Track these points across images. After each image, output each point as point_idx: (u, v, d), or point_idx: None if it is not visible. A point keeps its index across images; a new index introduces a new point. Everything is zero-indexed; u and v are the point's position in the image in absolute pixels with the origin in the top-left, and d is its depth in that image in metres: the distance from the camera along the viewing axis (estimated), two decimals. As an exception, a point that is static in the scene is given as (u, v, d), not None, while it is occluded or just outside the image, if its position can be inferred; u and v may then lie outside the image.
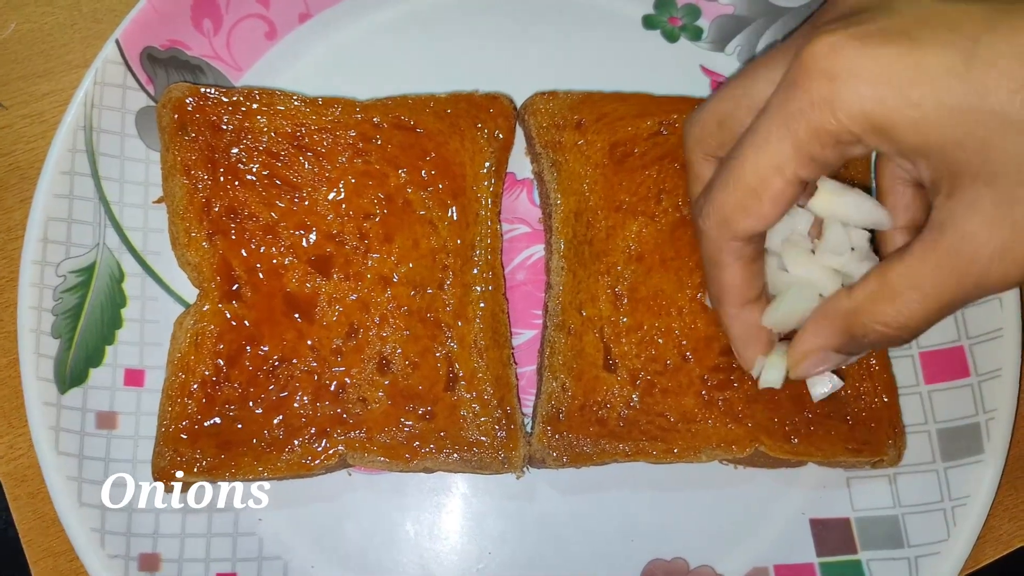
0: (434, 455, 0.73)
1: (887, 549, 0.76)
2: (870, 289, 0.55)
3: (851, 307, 0.57)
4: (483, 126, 0.79)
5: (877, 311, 0.55)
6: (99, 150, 0.79)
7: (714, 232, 0.59)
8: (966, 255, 0.51)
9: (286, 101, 0.78)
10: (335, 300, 0.76)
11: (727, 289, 0.63)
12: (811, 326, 0.61)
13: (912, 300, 0.53)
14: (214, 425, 0.73)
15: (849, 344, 0.59)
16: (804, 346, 0.61)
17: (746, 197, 0.56)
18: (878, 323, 0.55)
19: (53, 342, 0.76)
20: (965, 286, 0.52)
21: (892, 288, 0.54)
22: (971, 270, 0.51)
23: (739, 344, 0.65)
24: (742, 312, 0.64)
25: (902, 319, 0.54)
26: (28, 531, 0.78)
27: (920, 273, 0.53)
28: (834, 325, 0.58)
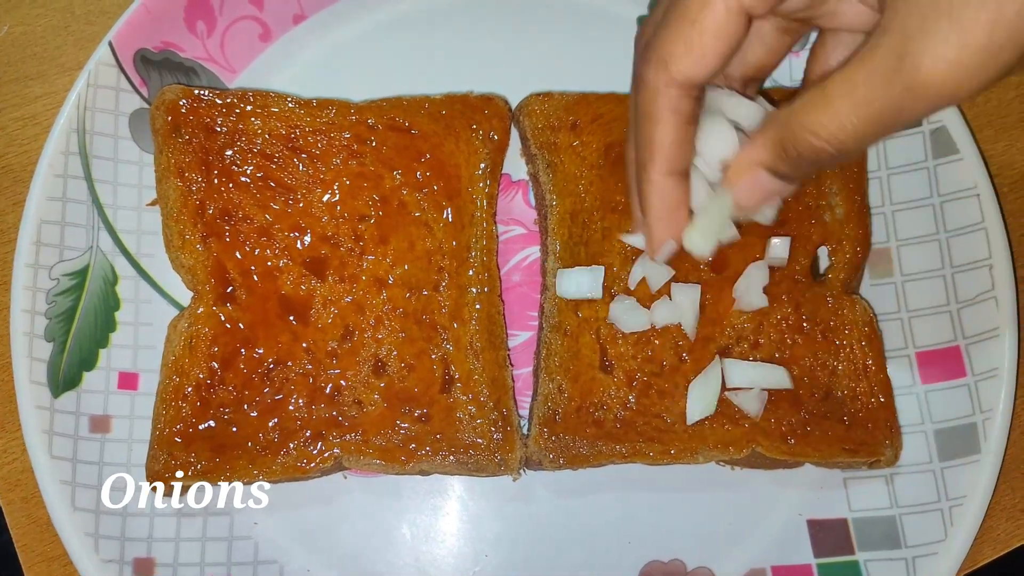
0: (430, 457, 0.73)
1: (884, 550, 0.76)
2: (806, 98, 0.54)
3: (786, 115, 0.55)
4: (478, 127, 0.79)
5: (810, 119, 0.53)
6: (92, 152, 0.79)
7: (652, 75, 0.57)
8: (900, 57, 0.49)
9: (280, 103, 0.78)
10: (330, 302, 0.76)
11: (657, 148, 0.59)
12: (747, 146, 0.59)
13: (845, 106, 0.52)
14: (209, 428, 0.73)
15: (783, 159, 0.56)
16: (739, 161, 0.59)
17: (687, 29, 0.55)
18: (810, 132, 0.53)
19: (46, 345, 0.76)
20: (895, 91, 0.49)
21: (827, 95, 0.52)
22: (903, 72, 0.49)
23: (653, 218, 0.62)
24: (666, 181, 0.60)
25: (833, 127, 0.52)
26: (22, 536, 0.77)
27: (855, 79, 0.51)
28: (768, 137, 0.56)
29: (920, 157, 0.81)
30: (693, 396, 0.74)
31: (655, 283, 0.75)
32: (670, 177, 0.60)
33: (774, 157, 0.57)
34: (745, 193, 0.60)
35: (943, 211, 0.80)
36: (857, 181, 0.79)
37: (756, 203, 0.60)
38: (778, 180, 0.58)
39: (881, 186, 0.82)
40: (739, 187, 0.59)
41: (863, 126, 0.52)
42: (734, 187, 0.60)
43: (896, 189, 0.82)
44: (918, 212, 0.81)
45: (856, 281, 0.79)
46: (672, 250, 0.64)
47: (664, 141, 0.59)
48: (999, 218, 0.78)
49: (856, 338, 0.77)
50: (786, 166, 0.57)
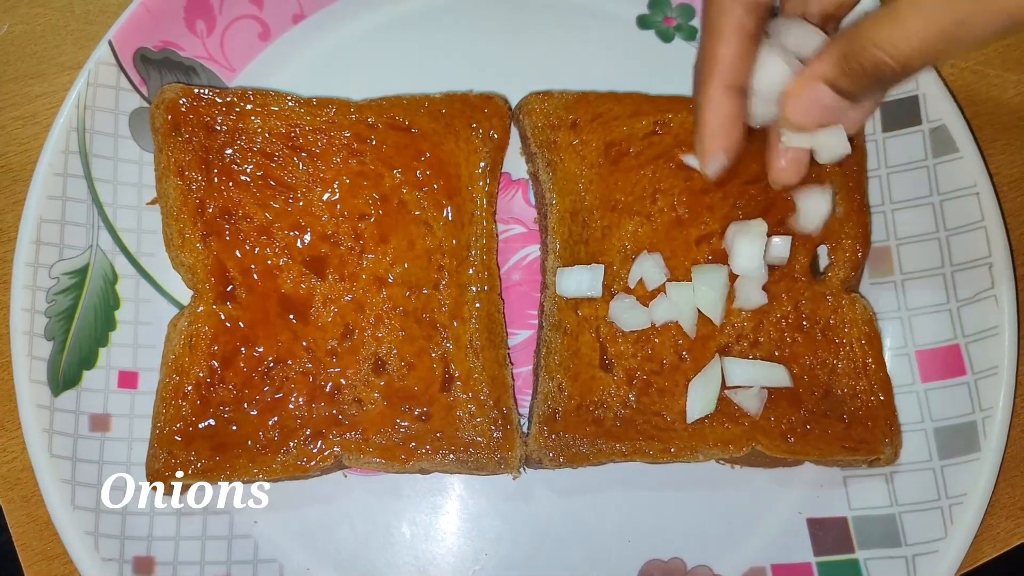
0: (430, 456, 0.73)
1: (884, 548, 0.76)
2: (875, 14, 0.55)
3: (852, 31, 0.56)
4: (478, 126, 0.79)
5: (877, 33, 0.54)
6: (92, 151, 0.79)
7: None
8: None
9: (280, 102, 0.78)
10: (330, 301, 0.76)
11: (718, 63, 0.60)
12: (813, 63, 0.59)
13: (913, 19, 0.53)
14: (209, 427, 0.73)
15: (845, 74, 0.57)
16: (804, 74, 0.60)
17: None
18: (876, 46, 0.54)
19: (46, 344, 0.76)
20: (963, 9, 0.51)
21: (897, 10, 0.53)
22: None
23: (707, 130, 0.63)
24: (723, 97, 0.62)
25: (900, 41, 0.53)
26: (22, 534, 0.77)
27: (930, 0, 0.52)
28: (833, 51, 0.57)
29: (920, 156, 0.81)
30: (693, 394, 0.74)
31: (652, 282, 0.75)
32: (727, 92, 0.61)
33: (837, 71, 0.57)
34: (803, 109, 0.60)
35: (943, 209, 0.80)
36: (857, 180, 0.79)
37: (812, 121, 0.60)
38: (837, 98, 0.58)
39: (881, 185, 0.82)
40: (798, 101, 0.60)
41: (930, 40, 0.52)
42: (792, 101, 0.60)
43: (896, 188, 0.82)
44: (918, 211, 0.81)
45: (856, 279, 0.79)
46: (722, 164, 0.65)
47: (725, 56, 0.60)
48: (999, 216, 0.79)
49: (856, 336, 0.77)
50: (848, 81, 0.57)
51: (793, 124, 0.62)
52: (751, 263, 0.74)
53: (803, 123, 0.61)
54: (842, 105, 0.59)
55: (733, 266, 0.75)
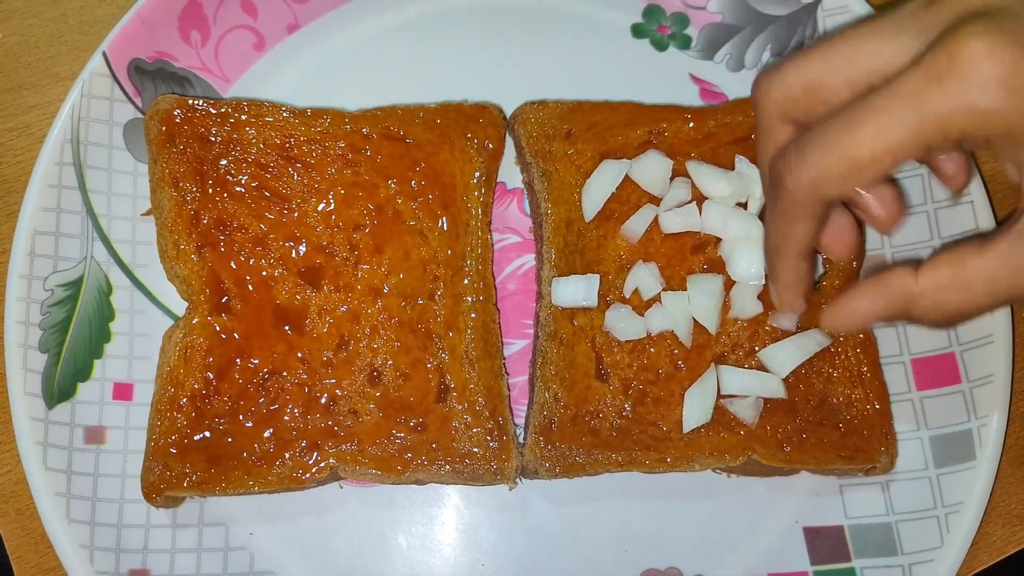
0: (426, 467, 0.73)
1: (881, 557, 0.76)
2: (942, 278, 0.57)
3: (917, 291, 0.58)
4: (473, 136, 0.79)
5: (943, 299, 0.57)
6: (86, 163, 0.79)
7: (801, 192, 0.60)
8: None
9: (275, 112, 0.78)
10: (325, 312, 0.75)
11: (794, 242, 0.64)
12: (867, 294, 0.62)
13: (985, 293, 0.56)
14: (204, 439, 0.73)
15: (898, 318, 0.61)
16: (855, 309, 0.63)
17: (850, 169, 0.57)
18: (940, 309, 0.58)
19: (41, 356, 0.75)
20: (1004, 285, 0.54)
21: (966, 281, 0.56)
22: None
23: (784, 289, 0.68)
24: (798, 263, 0.66)
25: (967, 308, 0.57)
26: (17, 547, 0.77)
27: (1000, 272, 0.55)
28: (893, 301, 0.60)
29: (913, 165, 0.81)
30: (689, 404, 0.74)
31: (647, 292, 0.75)
32: (801, 259, 0.66)
33: (893, 316, 0.61)
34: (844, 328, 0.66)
35: (937, 218, 0.80)
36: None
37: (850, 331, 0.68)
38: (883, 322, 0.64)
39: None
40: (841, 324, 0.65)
41: (990, 308, 0.57)
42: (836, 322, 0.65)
43: (890, 196, 0.82)
44: (912, 219, 0.81)
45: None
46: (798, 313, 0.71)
47: (802, 238, 0.63)
48: (993, 224, 0.79)
49: (851, 345, 0.77)
50: (898, 321, 0.62)
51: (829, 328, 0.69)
52: (750, 270, 0.74)
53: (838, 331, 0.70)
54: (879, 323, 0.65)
55: (732, 273, 0.75)
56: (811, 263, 0.66)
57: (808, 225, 0.62)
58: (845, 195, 0.60)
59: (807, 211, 0.61)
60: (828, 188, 0.58)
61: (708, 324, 0.75)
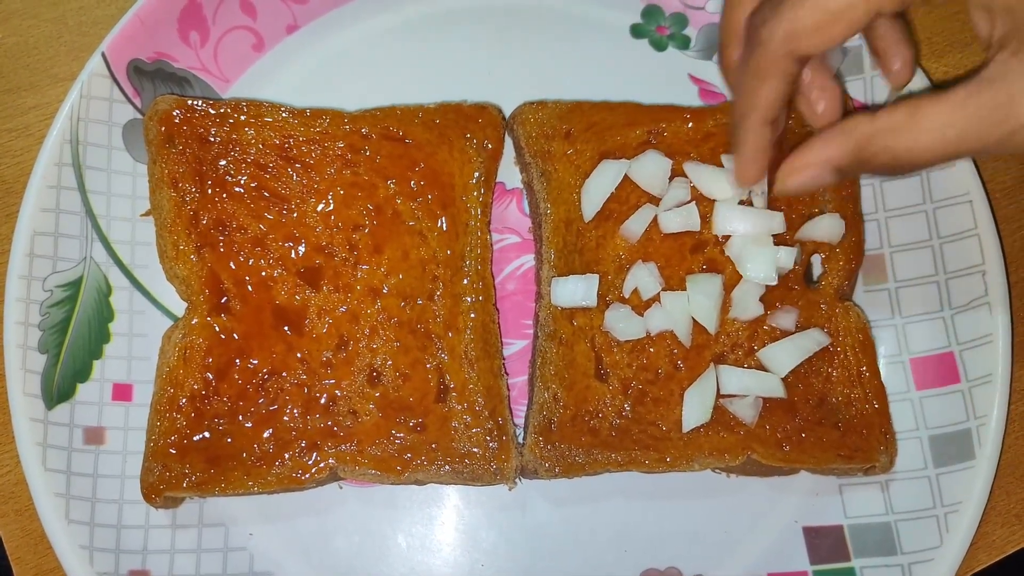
0: (425, 467, 0.73)
1: (880, 556, 0.76)
2: (896, 119, 0.57)
3: (871, 130, 0.58)
4: (472, 136, 0.79)
5: (895, 140, 0.57)
6: (86, 163, 0.79)
7: (775, 45, 0.60)
8: (1006, 112, 0.52)
9: (274, 113, 0.78)
10: (325, 312, 0.75)
11: (761, 103, 0.64)
12: (822, 139, 0.62)
13: (935, 139, 0.55)
14: (203, 439, 0.73)
15: (853, 164, 0.60)
16: (811, 155, 0.62)
17: (825, 18, 0.57)
18: (891, 151, 0.57)
19: (40, 357, 0.75)
20: (989, 139, 0.54)
21: (918, 123, 0.56)
22: (1003, 127, 0.53)
23: (748, 157, 0.67)
24: (763, 128, 0.65)
25: (916, 153, 0.56)
26: (16, 548, 0.77)
27: (953, 118, 0.54)
28: (847, 142, 0.60)
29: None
30: (689, 404, 0.74)
31: (647, 292, 0.75)
32: (764, 125, 0.65)
33: (848, 161, 0.60)
34: (802, 183, 0.63)
35: (936, 217, 0.80)
36: (850, 188, 0.79)
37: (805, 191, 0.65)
38: (837, 176, 0.62)
39: (874, 193, 0.82)
40: (799, 177, 0.63)
41: (943, 156, 0.56)
42: (793, 176, 0.63)
43: (889, 195, 0.82)
44: (911, 218, 0.81)
45: (849, 288, 0.80)
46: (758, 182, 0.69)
47: (769, 99, 0.63)
48: (992, 224, 0.79)
49: (850, 345, 0.77)
50: (855, 168, 0.60)
51: (787, 191, 0.65)
52: (762, 270, 0.74)
53: (797, 191, 0.65)
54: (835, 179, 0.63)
55: (744, 272, 0.75)
56: (775, 129, 0.65)
57: (778, 84, 0.61)
58: (818, 49, 0.59)
59: (778, 68, 0.60)
60: (802, 40, 0.58)
61: (708, 324, 0.75)
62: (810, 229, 0.77)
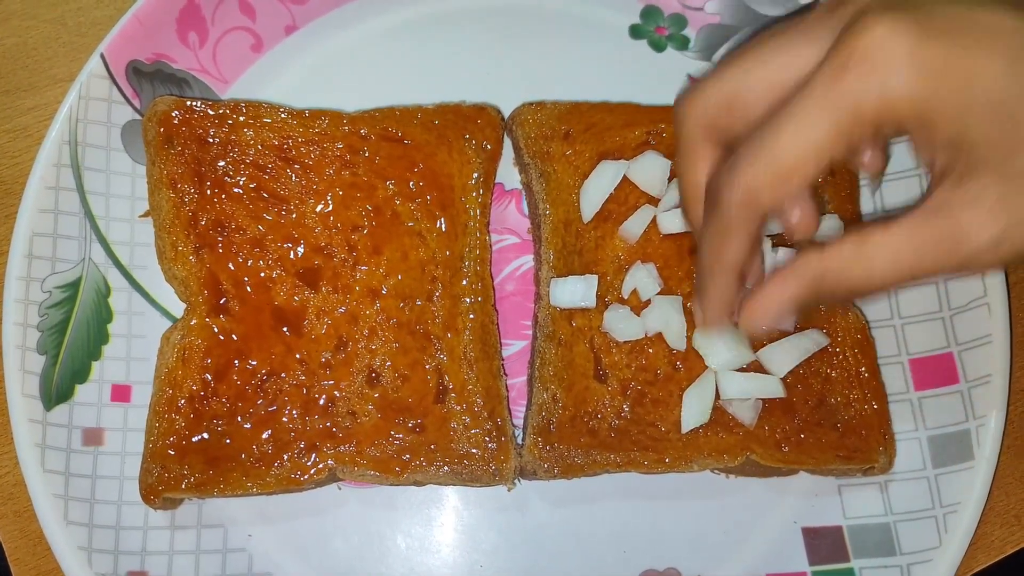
0: (424, 468, 0.73)
1: (879, 557, 0.76)
2: (845, 254, 0.57)
3: (821, 269, 0.59)
4: (471, 137, 0.79)
5: (847, 275, 0.57)
6: (84, 164, 0.79)
7: (736, 208, 0.60)
8: (957, 240, 0.53)
9: (273, 113, 0.78)
10: (324, 313, 0.75)
11: (729, 259, 0.64)
12: (778, 281, 0.62)
13: (888, 267, 0.56)
14: (202, 440, 0.73)
15: (813, 299, 0.61)
16: (769, 299, 0.62)
17: (778, 179, 0.57)
18: (847, 283, 0.58)
19: (39, 358, 0.75)
20: (945, 265, 0.54)
21: (868, 256, 0.56)
22: (956, 256, 0.53)
23: (711, 305, 0.67)
24: (728, 280, 0.65)
25: (872, 284, 0.57)
26: (15, 549, 0.77)
27: (902, 249, 0.55)
28: (802, 282, 0.60)
29: (911, 164, 0.81)
30: (687, 405, 0.74)
31: (646, 292, 0.76)
32: (731, 276, 0.65)
33: (807, 297, 0.60)
34: (767, 323, 0.63)
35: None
36: (849, 190, 0.79)
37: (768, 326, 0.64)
38: (800, 310, 0.62)
39: (873, 193, 0.82)
40: (763, 319, 0.63)
41: (902, 280, 0.56)
42: (757, 319, 0.63)
43: (888, 196, 0.82)
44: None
45: (849, 288, 0.79)
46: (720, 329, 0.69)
47: (734, 254, 0.63)
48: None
49: (849, 345, 0.77)
50: (814, 301, 0.61)
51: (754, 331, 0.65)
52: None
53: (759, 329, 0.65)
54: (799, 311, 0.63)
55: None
56: (741, 279, 0.65)
57: (743, 241, 0.62)
58: (777, 204, 0.59)
59: (742, 227, 0.61)
60: (760, 199, 0.58)
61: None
62: None
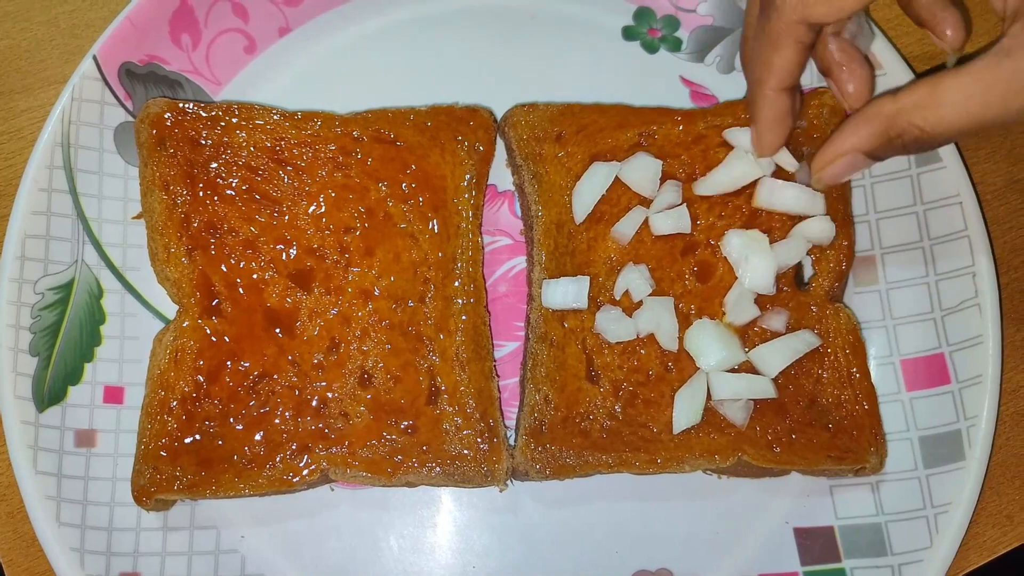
0: (417, 469, 0.73)
1: (871, 557, 0.76)
2: (918, 95, 0.59)
3: (894, 109, 0.60)
4: (463, 139, 0.79)
5: (919, 115, 0.59)
6: (77, 166, 0.79)
7: (788, 12, 0.62)
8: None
9: (265, 115, 0.78)
10: (316, 314, 0.76)
11: (776, 69, 0.66)
12: (849, 127, 0.64)
13: (956, 112, 0.57)
14: (194, 442, 0.73)
15: (883, 146, 0.62)
16: (840, 145, 0.64)
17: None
18: (916, 126, 0.59)
19: (31, 360, 0.75)
20: (1011, 109, 0.55)
21: (940, 97, 0.58)
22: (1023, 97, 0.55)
23: (764, 126, 0.69)
24: (778, 96, 0.67)
25: (941, 127, 0.58)
26: (8, 551, 0.77)
27: (972, 89, 0.56)
28: (873, 126, 0.62)
29: (903, 165, 0.82)
30: (679, 405, 0.74)
31: (638, 293, 0.76)
32: (781, 92, 0.67)
33: (877, 144, 0.62)
34: (839, 173, 0.66)
35: (926, 219, 0.81)
36: (840, 190, 0.79)
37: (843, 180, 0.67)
38: (871, 161, 0.64)
39: (865, 194, 0.83)
40: (835, 168, 0.66)
41: (967, 127, 0.57)
42: (829, 167, 0.66)
43: (880, 197, 0.82)
44: (902, 220, 0.81)
45: (840, 289, 0.80)
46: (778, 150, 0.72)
47: (783, 65, 0.65)
48: (982, 226, 0.79)
49: (840, 346, 0.77)
50: (885, 152, 0.63)
51: (826, 183, 0.69)
52: (765, 279, 0.75)
53: (835, 182, 0.68)
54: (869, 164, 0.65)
55: (745, 282, 0.76)
56: (792, 99, 0.67)
57: (792, 52, 0.64)
58: (829, 17, 0.61)
59: (791, 34, 0.63)
60: (813, 7, 0.60)
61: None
62: (801, 231, 0.77)
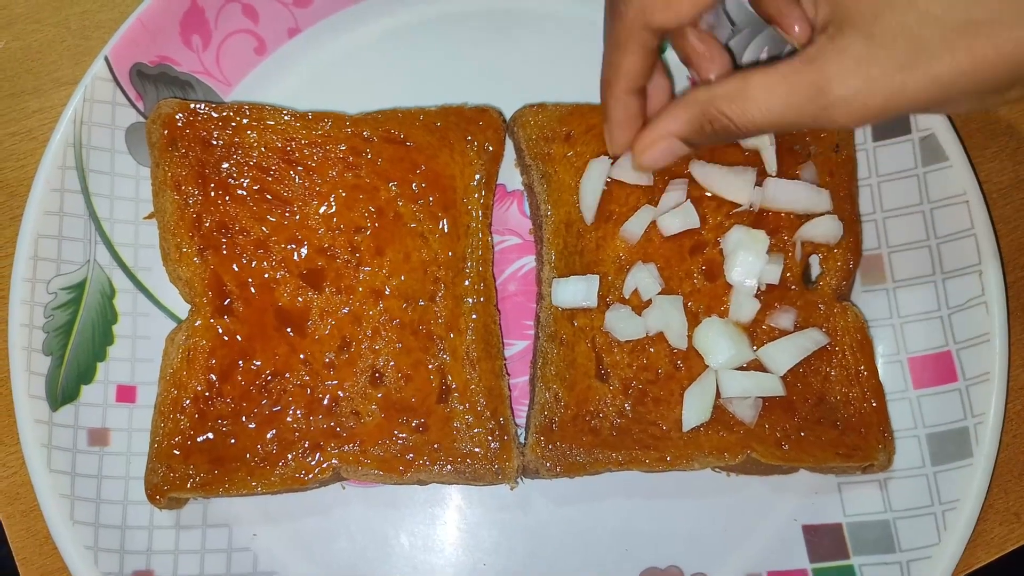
0: (428, 467, 0.73)
1: (879, 554, 0.76)
2: (730, 87, 0.62)
3: (708, 97, 0.63)
4: (473, 139, 0.80)
5: (728, 105, 0.61)
6: (89, 167, 0.79)
7: (631, 16, 0.65)
8: (819, 90, 0.57)
9: (276, 116, 0.78)
10: (327, 314, 0.76)
11: (623, 73, 0.68)
12: (668, 111, 0.66)
13: (760, 108, 0.60)
14: (207, 440, 0.73)
15: (696, 132, 0.65)
16: (658, 129, 0.67)
17: None
18: (726, 115, 0.62)
19: (44, 359, 0.76)
20: (805, 114, 0.58)
21: (747, 91, 0.60)
22: (816, 103, 0.57)
23: (615, 125, 0.72)
24: (628, 97, 0.70)
25: (746, 119, 0.61)
26: (22, 549, 0.77)
27: (775, 91, 0.59)
28: (689, 111, 0.64)
29: (910, 164, 0.82)
30: (688, 403, 0.74)
31: (647, 292, 0.76)
32: (630, 94, 0.70)
33: (691, 131, 0.65)
34: (656, 157, 0.68)
35: (933, 217, 0.81)
36: (848, 189, 0.80)
37: (661, 165, 0.69)
38: (686, 147, 0.67)
39: (872, 193, 0.83)
40: (652, 152, 0.68)
41: (770, 125, 0.60)
42: (647, 151, 0.68)
43: (887, 196, 0.83)
44: (909, 219, 0.82)
45: (847, 288, 0.80)
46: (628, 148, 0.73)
47: (630, 69, 0.68)
48: (988, 224, 0.79)
49: (848, 344, 0.77)
50: (699, 139, 0.65)
51: (644, 168, 0.72)
52: (747, 276, 0.75)
53: (652, 168, 0.72)
54: (686, 151, 0.68)
55: (728, 276, 0.76)
56: (641, 100, 0.70)
57: (638, 57, 0.66)
58: (671, 23, 0.64)
59: (635, 39, 0.65)
60: (654, 15, 0.63)
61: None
62: (808, 230, 0.78)
